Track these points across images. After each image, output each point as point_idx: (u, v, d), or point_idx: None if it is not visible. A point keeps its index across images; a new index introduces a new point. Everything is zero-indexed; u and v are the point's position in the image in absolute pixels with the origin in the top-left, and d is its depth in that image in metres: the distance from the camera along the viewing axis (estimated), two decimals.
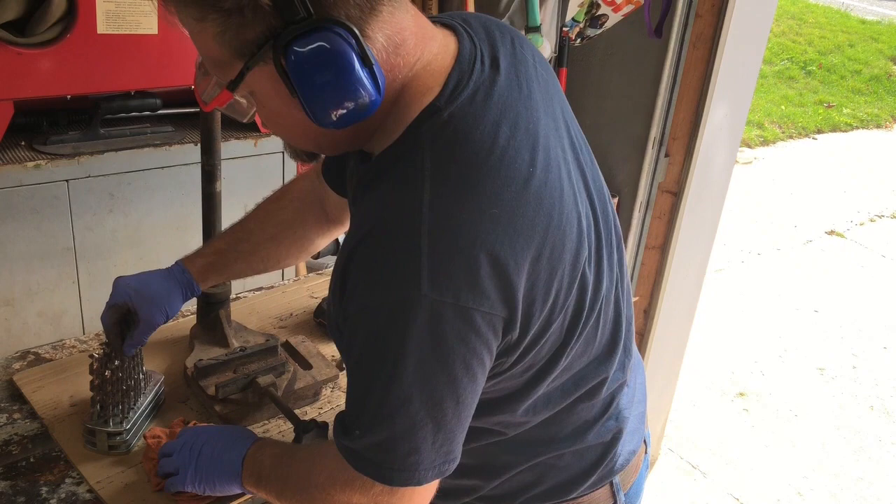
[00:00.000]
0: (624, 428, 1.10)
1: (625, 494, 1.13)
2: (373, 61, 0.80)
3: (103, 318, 1.25)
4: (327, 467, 0.94)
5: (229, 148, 2.12)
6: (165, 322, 1.27)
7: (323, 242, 1.38)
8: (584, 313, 0.94)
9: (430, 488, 0.92)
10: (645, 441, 1.19)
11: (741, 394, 3.41)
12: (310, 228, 1.34)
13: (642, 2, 2.14)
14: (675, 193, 2.38)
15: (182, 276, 1.28)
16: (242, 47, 0.80)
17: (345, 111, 0.81)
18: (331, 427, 0.98)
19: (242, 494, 1.17)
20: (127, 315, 1.26)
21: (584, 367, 1.00)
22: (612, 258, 1.01)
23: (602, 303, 0.98)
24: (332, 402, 1.42)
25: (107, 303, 1.26)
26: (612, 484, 1.11)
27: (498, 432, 1.02)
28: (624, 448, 1.11)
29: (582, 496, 1.09)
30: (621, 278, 1.05)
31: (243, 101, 0.90)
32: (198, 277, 1.29)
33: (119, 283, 1.26)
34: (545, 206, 0.86)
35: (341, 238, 1.53)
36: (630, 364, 1.11)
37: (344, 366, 0.94)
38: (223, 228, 1.41)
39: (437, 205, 0.81)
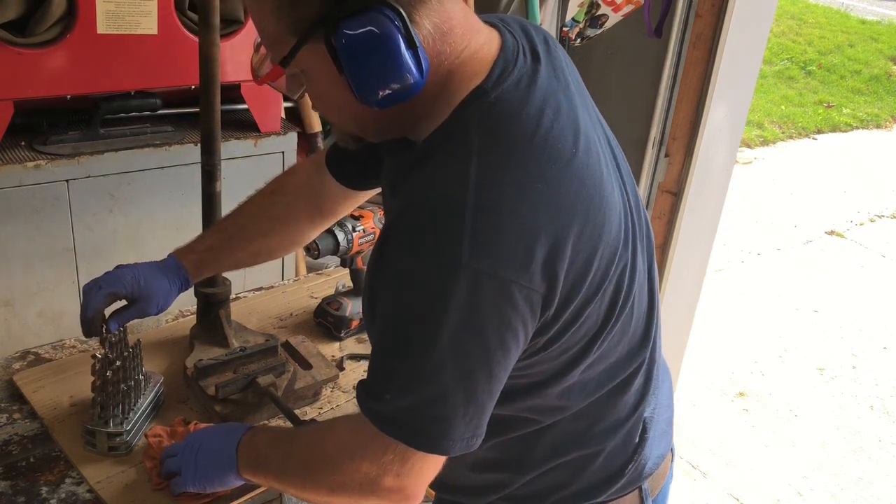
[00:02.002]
0: (651, 429, 1.10)
1: (652, 501, 1.13)
2: (418, 45, 0.83)
3: (94, 298, 1.22)
4: (336, 438, 0.95)
5: (229, 148, 2.12)
6: (155, 315, 1.28)
7: (314, 235, 1.40)
8: (622, 298, 0.96)
9: (439, 462, 0.92)
10: (671, 449, 1.19)
11: (741, 394, 3.41)
12: (302, 222, 1.36)
13: (642, 2, 2.14)
14: (675, 193, 2.38)
15: (178, 271, 1.29)
16: (296, 24, 0.84)
17: (389, 91, 0.84)
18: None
19: (247, 490, 1.17)
20: (114, 301, 1.26)
21: (618, 357, 1.01)
22: (644, 250, 1.03)
23: (636, 291, 0.99)
24: (332, 402, 1.42)
25: (100, 284, 1.23)
26: (640, 489, 1.10)
27: (533, 420, 1.01)
28: (652, 452, 1.11)
29: (611, 499, 1.09)
30: (652, 271, 1.07)
31: (294, 79, 0.93)
32: (191, 272, 1.30)
33: (123, 273, 1.25)
34: (587, 186, 0.89)
35: (340, 236, 1.53)
36: (657, 364, 1.12)
37: (368, 338, 0.96)
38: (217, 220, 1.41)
39: (484, 178, 0.83)
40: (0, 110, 1.85)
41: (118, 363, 1.22)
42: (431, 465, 0.91)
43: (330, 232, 1.53)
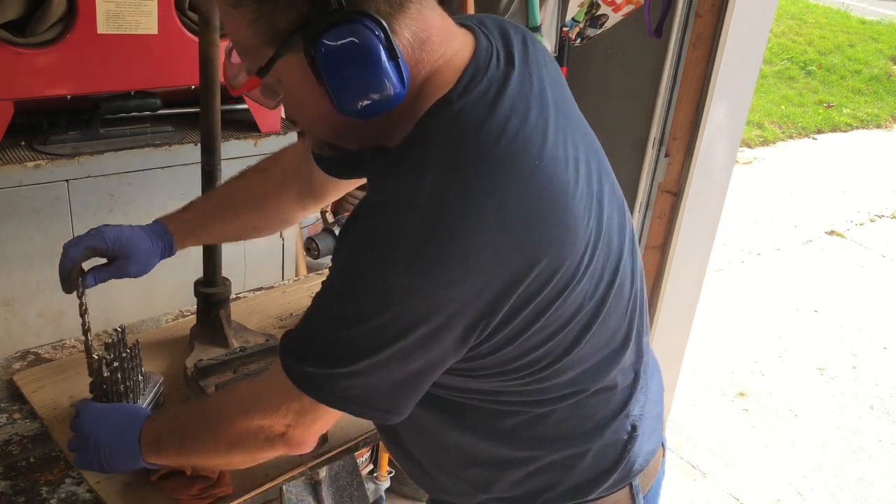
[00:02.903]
0: (640, 426, 1.09)
1: (644, 497, 1.12)
2: (399, 55, 0.82)
3: (72, 252, 1.22)
4: (232, 397, 1.00)
5: (229, 148, 2.12)
6: (134, 276, 1.28)
7: (301, 216, 1.41)
8: (591, 306, 0.95)
9: (335, 417, 0.95)
10: (663, 444, 1.19)
11: (741, 394, 3.41)
12: (291, 202, 1.36)
13: (642, 2, 2.14)
14: (675, 193, 2.38)
15: (163, 236, 1.29)
16: (274, 35, 0.83)
17: (370, 102, 0.84)
18: None
19: (247, 490, 1.19)
20: (93, 256, 1.26)
21: (598, 360, 1.01)
22: (625, 254, 1.01)
23: (613, 296, 0.98)
24: None
25: (82, 239, 1.24)
26: (631, 486, 1.10)
27: (518, 412, 1.02)
28: (642, 448, 1.10)
29: (601, 497, 1.09)
30: (634, 276, 1.05)
31: (270, 88, 0.92)
32: (176, 238, 1.30)
33: (105, 230, 1.26)
34: (548, 197, 0.87)
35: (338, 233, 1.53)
36: (645, 362, 1.11)
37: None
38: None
39: (437, 191, 0.83)
40: (0, 110, 1.85)
41: (116, 363, 1.22)
42: (328, 419, 0.95)
43: (330, 232, 1.53)
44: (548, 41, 2.17)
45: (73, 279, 1.22)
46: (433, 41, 0.88)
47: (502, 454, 1.05)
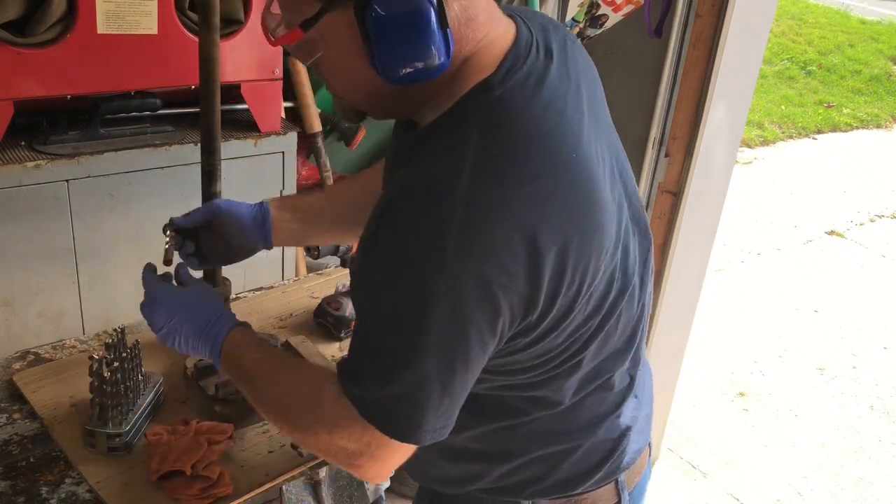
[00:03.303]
0: (633, 427, 1.11)
1: (629, 494, 1.13)
2: (448, 26, 0.82)
3: (185, 221, 1.26)
4: (319, 409, 0.94)
5: (229, 148, 2.12)
6: (223, 263, 1.32)
7: None
8: (608, 305, 0.95)
9: (411, 449, 0.93)
10: (649, 444, 1.20)
11: (741, 394, 3.41)
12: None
13: (642, 2, 2.14)
14: (675, 193, 2.38)
15: (266, 242, 1.31)
16: None
17: (412, 70, 0.84)
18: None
19: (247, 490, 1.19)
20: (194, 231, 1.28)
21: (603, 358, 1.02)
22: (640, 258, 1.02)
23: (627, 298, 0.99)
24: None
25: (199, 210, 1.28)
26: (617, 482, 1.11)
27: (520, 411, 1.02)
28: (630, 447, 1.11)
29: (588, 492, 1.09)
30: (645, 278, 1.06)
31: (309, 45, 0.89)
32: (274, 241, 1.32)
33: (233, 213, 1.28)
34: (583, 192, 0.88)
35: None
36: (640, 365, 1.12)
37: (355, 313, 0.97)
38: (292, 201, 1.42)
39: (477, 176, 0.82)
40: (0, 110, 1.85)
41: (116, 364, 1.22)
42: (405, 452, 0.92)
43: None
44: None
45: (174, 225, 1.25)
46: (479, 20, 0.88)
47: (495, 448, 1.06)
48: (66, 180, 1.95)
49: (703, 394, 3.37)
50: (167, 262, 1.22)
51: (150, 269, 1.18)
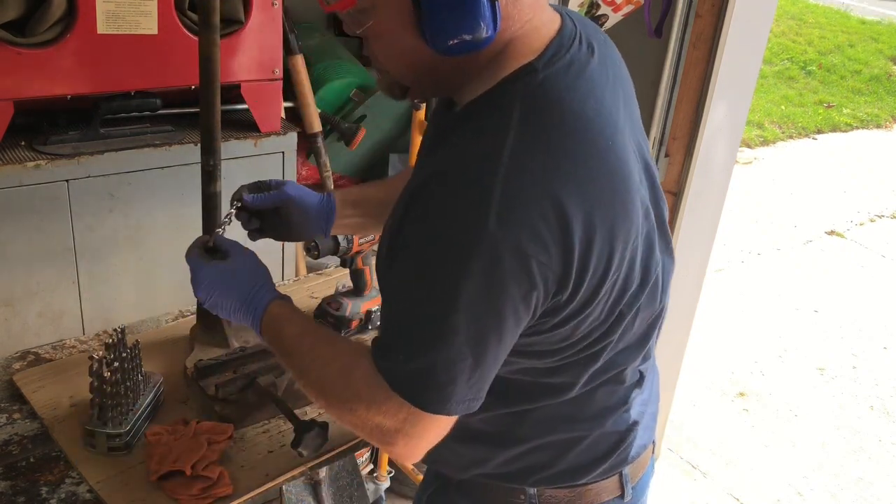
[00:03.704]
0: (640, 421, 1.12)
1: (632, 487, 1.14)
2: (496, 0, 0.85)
3: (254, 202, 1.29)
4: (355, 386, 0.95)
5: (229, 148, 2.12)
6: (280, 240, 1.33)
7: None
8: (628, 298, 0.97)
9: (451, 421, 0.94)
10: (653, 441, 1.21)
11: (741, 394, 3.41)
12: None
13: (642, 2, 2.14)
14: (675, 193, 2.38)
15: (325, 232, 1.34)
16: None
17: (459, 41, 0.86)
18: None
19: (247, 490, 1.19)
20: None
21: (617, 351, 1.03)
22: (661, 257, 1.04)
23: (646, 295, 1.00)
24: None
25: (276, 181, 1.31)
26: (621, 475, 1.12)
27: (533, 395, 1.03)
28: (636, 441, 1.12)
29: (592, 483, 1.10)
30: (666, 277, 1.07)
31: (360, 14, 0.91)
32: (332, 232, 1.35)
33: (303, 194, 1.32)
34: (615, 181, 0.90)
35: (340, 237, 1.53)
36: (648, 365, 1.14)
37: (381, 297, 0.99)
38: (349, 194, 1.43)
39: (518, 154, 0.85)
40: (0, 110, 1.85)
41: (116, 364, 1.22)
42: (440, 427, 0.94)
43: None
44: None
45: (240, 193, 1.28)
46: (525, 2, 0.90)
47: (504, 432, 1.06)
48: (66, 180, 1.95)
49: (703, 394, 3.37)
50: (221, 228, 1.23)
51: (196, 244, 1.19)
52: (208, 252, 1.17)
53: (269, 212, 1.31)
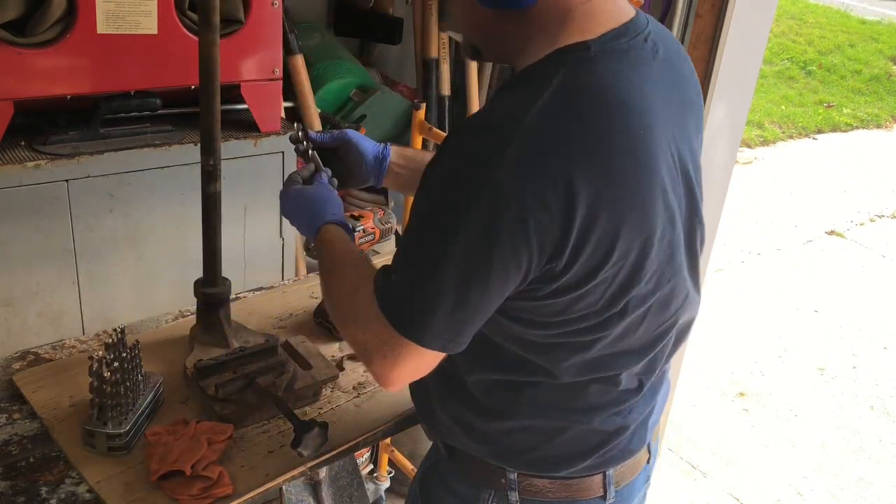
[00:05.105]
0: (630, 427, 1.11)
1: (616, 491, 1.14)
2: None
3: (319, 138, 1.36)
4: (355, 305, 1.02)
5: (229, 148, 2.12)
6: (337, 187, 1.36)
7: None
8: (634, 298, 0.97)
9: (427, 361, 0.98)
10: (649, 450, 1.21)
11: (741, 394, 3.41)
12: None
13: (642, 2, 2.14)
14: None
15: (378, 181, 1.40)
16: None
17: None
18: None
19: (246, 490, 1.20)
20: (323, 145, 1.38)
21: (615, 352, 1.03)
22: (685, 279, 1.06)
23: (657, 304, 1.01)
24: (332, 402, 1.42)
25: (332, 134, 1.39)
26: (605, 475, 1.13)
27: (521, 368, 1.05)
28: (623, 445, 1.12)
29: (573, 478, 1.11)
30: (690, 294, 1.10)
31: None
32: (384, 183, 1.41)
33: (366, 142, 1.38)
34: (639, 171, 0.92)
35: None
36: (654, 379, 1.13)
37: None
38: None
39: (545, 115, 0.88)
40: (0, 110, 1.85)
41: (116, 364, 1.22)
42: (418, 359, 0.97)
43: None
44: None
45: (305, 132, 1.34)
46: None
47: (496, 403, 1.08)
48: (66, 180, 1.95)
49: (703, 394, 3.37)
50: (304, 156, 1.35)
51: (292, 177, 1.34)
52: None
53: (329, 152, 1.37)
